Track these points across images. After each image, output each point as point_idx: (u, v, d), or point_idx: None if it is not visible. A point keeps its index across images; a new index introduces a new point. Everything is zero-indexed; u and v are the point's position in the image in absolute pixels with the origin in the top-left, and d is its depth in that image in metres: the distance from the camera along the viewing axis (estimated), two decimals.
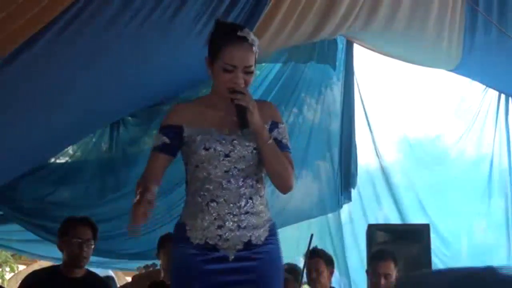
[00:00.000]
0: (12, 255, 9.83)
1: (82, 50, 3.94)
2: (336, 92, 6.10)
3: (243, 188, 2.55)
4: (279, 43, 5.22)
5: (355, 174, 6.18)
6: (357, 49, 6.10)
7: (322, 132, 6.10)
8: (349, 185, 6.18)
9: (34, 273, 4.00)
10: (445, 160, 6.69)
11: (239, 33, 2.55)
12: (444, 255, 6.26)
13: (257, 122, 2.53)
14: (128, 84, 4.75)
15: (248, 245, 2.55)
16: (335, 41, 5.85)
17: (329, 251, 5.29)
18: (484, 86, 6.54)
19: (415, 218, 6.24)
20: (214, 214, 2.53)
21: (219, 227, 2.52)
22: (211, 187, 2.55)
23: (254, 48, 2.56)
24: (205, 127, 2.59)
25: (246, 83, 2.57)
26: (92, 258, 3.98)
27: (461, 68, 6.01)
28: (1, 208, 5.36)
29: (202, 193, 2.56)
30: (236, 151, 2.56)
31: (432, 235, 5.43)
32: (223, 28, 2.67)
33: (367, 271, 4.71)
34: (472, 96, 6.63)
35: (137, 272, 5.53)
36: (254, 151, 2.57)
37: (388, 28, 5.42)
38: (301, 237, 5.66)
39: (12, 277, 10.57)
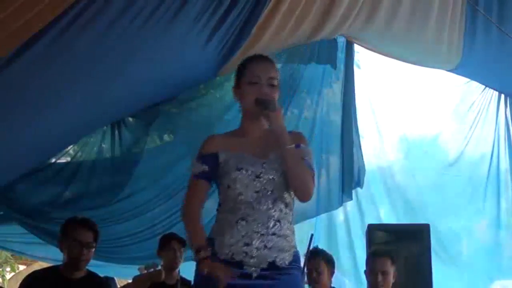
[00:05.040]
0: (12, 255, 9.83)
1: (84, 50, 3.94)
2: (336, 92, 6.10)
3: (272, 211, 2.64)
4: (279, 43, 5.22)
5: (361, 173, 6.15)
6: (357, 49, 6.10)
7: (323, 132, 6.10)
8: (353, 184, 6.15)
9: (35, 273, 3.99)
10: (444, 159, 6.69)
11: (258, 54, 2.85)
12: (444, 255, 6.27)
13: (280, 124, 2.67)
14: (129, 84, 4.75)
15: (272, 266, 2.61)
16: (335, 41, 5.84)
17: (329, 251, 5.29)
18: (484, 86, 6.55)
19: (414, 218, 6.24)
20: (242, 232, 2.61)
21: (246, 244, 2.60)
22: (242, 207, 2.64)
23: (274, 64, 2.81)
24: (238, 152, 2.72)
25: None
26: (91, 262, 3.96)
27: (461, 68, 6.02)
28: (1, 208, 5.36)
29: (233, 212, 2.65)
30: (266, 173, 2.66)
31: (432, 235, 5.43)
32: (246, 57, 2.94)
33: (365, 271, 4.71)
34: (472, 96, 6.63)
35: (138, 272, 5.53)
36: (283, 175, 2.67)
37: (388, 28, 5.43)
38: (301, 237, 5.65)
39: (12, 277, 10.57)
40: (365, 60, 6.39)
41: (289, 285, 2.64)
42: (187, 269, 4.97)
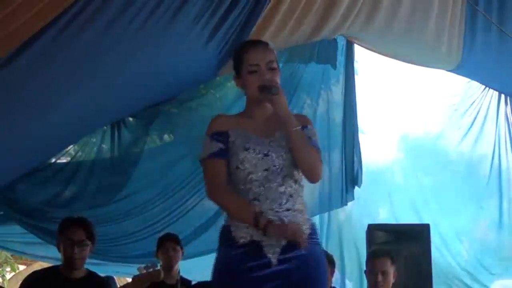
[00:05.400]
0: (12, 255, 9.82)
1: (83, 50, 3.95)
2: (336, 92, 6.10)
3: (283, 187, 2.62)
4: (279, 43, 5.22)
5: (359, 173, 6.15)
6: (357, 49, 6.10)
7: (323, 132, 6.10)
8: (353, 184, 6.15)
9: (35, 273, 3.98)
10: (445, 159, 6.69)
11: (252, 39, 2.84)
12: (444, 255, 6.27)
13: (284, 107, 2.64)
14: (128, 85, 4.75)
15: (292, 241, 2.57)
16: (335, 41, 5.85)
17: (329, 251, 5.29)
18: (484, 86, 6.55)
19: (414, 218, 6.24)
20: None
21: None
22: (252, 187, 2.61)
23: (270, 46, 2.77)
24: (244, 131, 2.70)
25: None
26: (90, 261, 3.95)
27: (461, 68, 6.01)
28: (1, 208, 5.36)
29: (244, 193, 2.62)
30: (273, 151, 2.64)
31: (432, 235, 5.42)
32: (240, 44, 2.97)
33: (365, 271, 4.71)
34: (472, 95, 6.63)
35: (137, 272, 5.53)
36: (291, 152, 2.65)
37: (388, 28, 5.43)
38: None
39: (12, 277, 10.55)
40: (365, 62, 6.39)
41: (309, 263, 2.60)
42: (187, 269, 4.99)
